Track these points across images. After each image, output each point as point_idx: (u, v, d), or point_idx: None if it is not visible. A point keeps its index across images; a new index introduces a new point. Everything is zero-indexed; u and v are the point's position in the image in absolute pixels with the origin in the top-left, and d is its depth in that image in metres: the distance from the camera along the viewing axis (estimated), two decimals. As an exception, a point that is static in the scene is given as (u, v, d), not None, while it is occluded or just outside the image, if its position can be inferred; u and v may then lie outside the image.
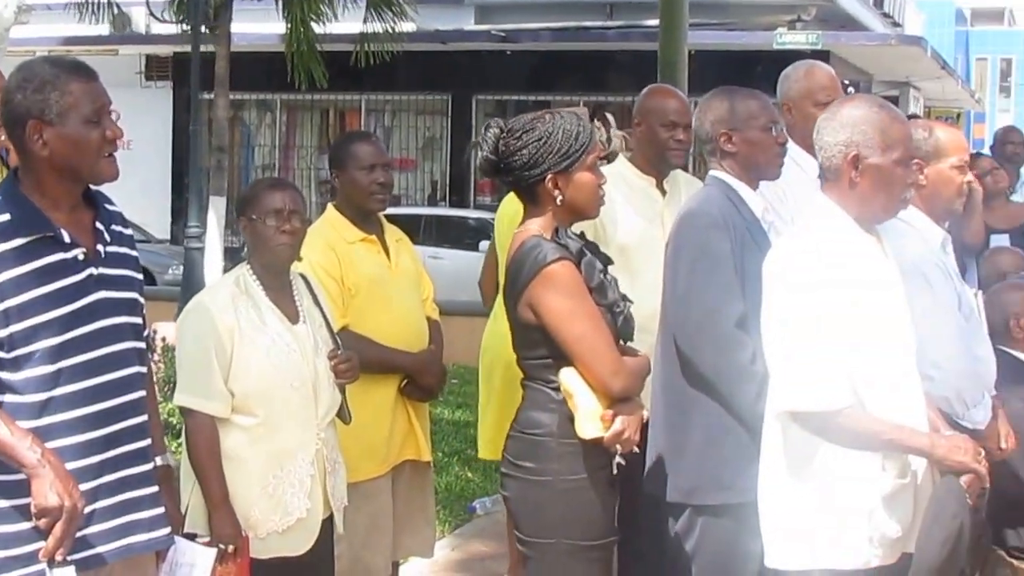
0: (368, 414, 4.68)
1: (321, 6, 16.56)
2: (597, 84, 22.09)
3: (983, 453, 3.67)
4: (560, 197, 3.75)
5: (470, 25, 24.72)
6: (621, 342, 3.86)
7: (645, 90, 5.35)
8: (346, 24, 17.21)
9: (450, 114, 25.17)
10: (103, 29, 20.27)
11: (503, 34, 23.57)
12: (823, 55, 19.91)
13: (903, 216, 4.44)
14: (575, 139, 3.75)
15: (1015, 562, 5.31)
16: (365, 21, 17.36)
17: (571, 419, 3.69)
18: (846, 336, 3.46)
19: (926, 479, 3.64)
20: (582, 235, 3.95)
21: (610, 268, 3.97)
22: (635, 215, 5.11)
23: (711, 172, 4.32)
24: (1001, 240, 7.38)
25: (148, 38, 25.16)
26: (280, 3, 16.60)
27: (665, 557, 4.36)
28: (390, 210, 5.26)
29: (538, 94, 22.30)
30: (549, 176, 3.73)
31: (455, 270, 17.13)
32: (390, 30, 17.41)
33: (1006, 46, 52.51)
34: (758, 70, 14.90)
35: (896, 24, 30.29)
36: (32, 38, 19.93)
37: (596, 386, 3.68)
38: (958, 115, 35.30)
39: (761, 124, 4.23)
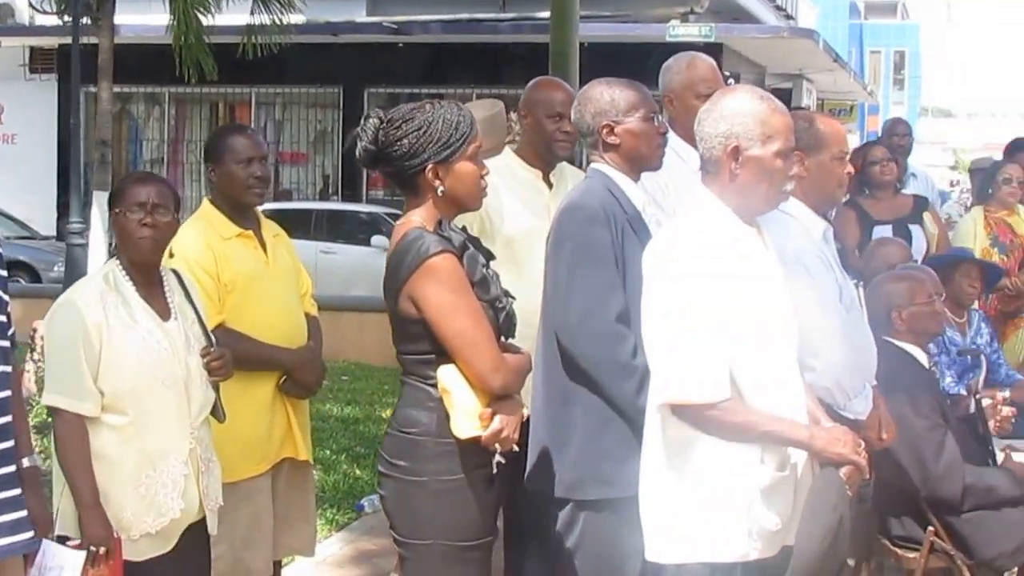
0: (246, 412, 4.60)
1: (207, -4, 16.29)
2: (490, 76, 22.05)
3: (863, 444, 3.67)
4: (441, 188, 3.70)
5: (361, 17, 24.46)
6: (503, 339, 3.81)
7: (531, 82, 5.32)
8: (234, 15, 16.94)
9: (342, 107, 24.89)
10: (-14, 21, 19.87)
11: (395, 26, 23.40)
12: (716, 47, 20.10)
13: (785, 207, 4.44)
14: (455, 129, 3.69)
15: (899, 551, 5.37)
16: (252, 13, 17.10)
17: (449, 417, 3.62)
18: (725, 328, 3.44)
19: (806, 471, 3.62)
20: (464, 229, 3.89)
21: (496, 261, 3.93)
22: (521, 208, 5.07)
23: (592, 165, 4.28)
24: (884, 231, 7.45)
25: (32, 29, 24.68)
26: (164, -7, 16.33)
27: (549, 553, 4.31)
28: (281, 205, 5.16)
29: (431, 87, 22.13)
30: (429, 166, 3.67)
31: (347, 265, 17.05)
32: (278, 22, 17.19)
33: (899, 39, 53.30)
34: (651, 62, 14.86)
35: (789, 17, 30.67)
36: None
37: (475, 383, 3.62)
38: (851, 107, 35.72)
39: (642, 115, 4.20)
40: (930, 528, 5.21)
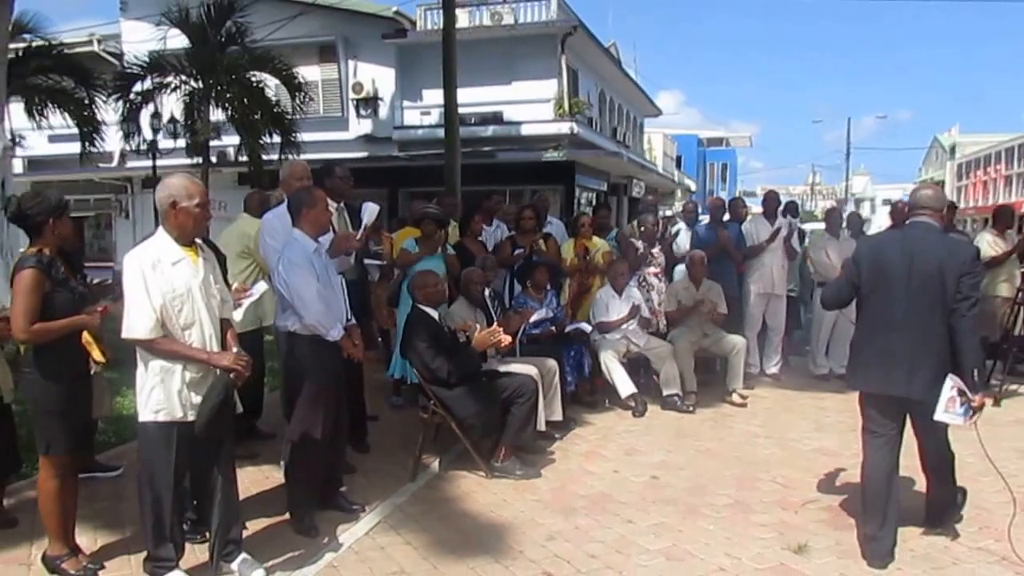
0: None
1: None
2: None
3: (246, 358, 6.03)
4: None
5: None
6: None
7: None
8: None
9: None
10: None
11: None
12: (570, 164, 26.38)
13: (295, 235, 7.14)
14: None
15: (423, 415, 9.12)
16: None
17: None
18: (155, 298, 5.69)
19: (212, 372, 6.03)
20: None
21: None
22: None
23: None
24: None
25: None
26: None
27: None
28: None
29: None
30: None
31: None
32: None
33: (723, 157, 73.33)
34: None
35: (626, 145, 35.78)
36: None
37: None
38: (672, 192, 49.00)
39: None
40: (432, 401, 8.72)
